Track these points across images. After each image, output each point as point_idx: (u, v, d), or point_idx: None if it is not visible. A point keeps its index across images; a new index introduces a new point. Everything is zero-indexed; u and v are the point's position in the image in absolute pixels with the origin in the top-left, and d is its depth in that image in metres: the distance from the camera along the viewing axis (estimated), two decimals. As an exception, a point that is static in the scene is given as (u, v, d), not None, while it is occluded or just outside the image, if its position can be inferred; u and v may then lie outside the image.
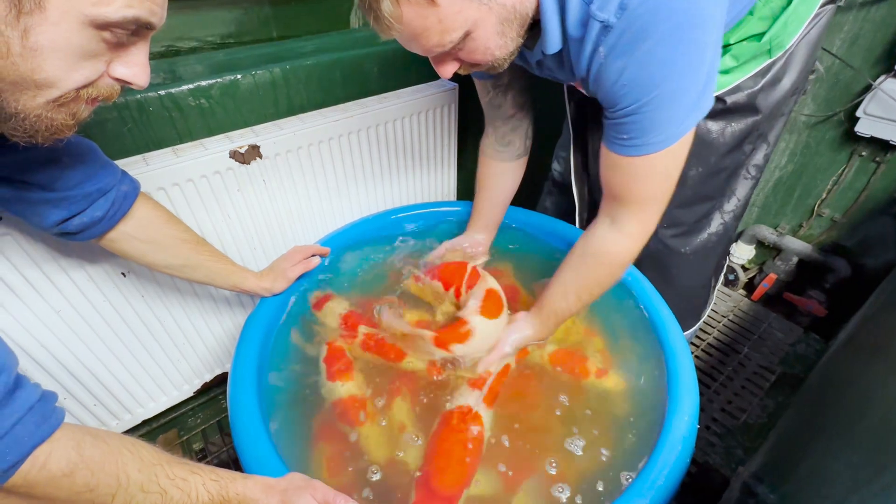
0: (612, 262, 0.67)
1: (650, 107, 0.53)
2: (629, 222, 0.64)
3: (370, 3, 0.49)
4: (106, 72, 0.39)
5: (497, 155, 0.89)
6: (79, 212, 0.59)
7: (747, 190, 0.91)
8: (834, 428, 0.60)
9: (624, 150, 0.58)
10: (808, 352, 1.36)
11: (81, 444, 0.40)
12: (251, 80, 0.89)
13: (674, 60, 0.50)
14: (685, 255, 0.94)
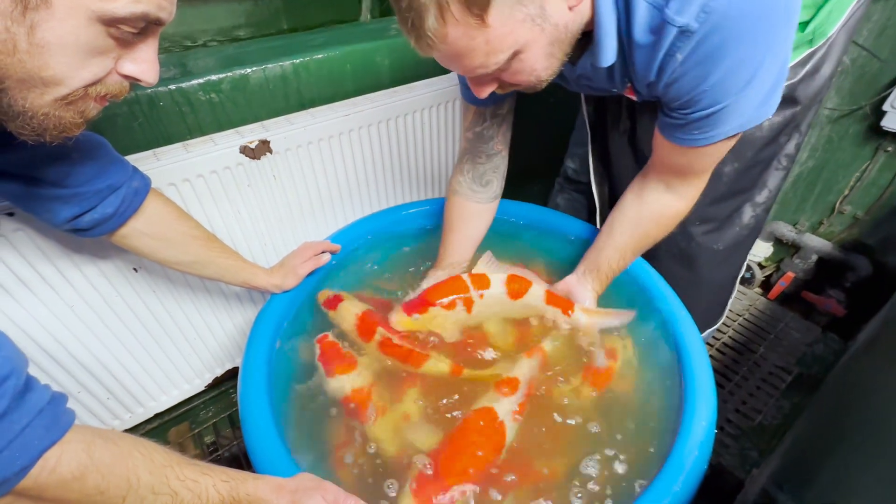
0: (668, 223, 0.73)
1: (733, 106, 0.53)
2: (688, 189, 0.68)
3: (412, 19, 0.45)
4: (114, 69, 0.38)
5: (472, 196, 0.84)
6: (90, 208, 0.59)
7: (778, 181, 0.88)
8: (859, 436, 0.58)
9: (694, 142, 0.59)
10: (826, 352, 1.33)
11: (92, 447, 0.40)
12: (261, 74, 0.88)
13: (762, 62, 0.49)
14: (717, 251, 0.92)
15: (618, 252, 0.76)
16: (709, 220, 0.88)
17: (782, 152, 0.83)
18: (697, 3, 0.45)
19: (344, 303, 0.83)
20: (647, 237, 0.75)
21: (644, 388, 0.71)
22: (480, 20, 0.44)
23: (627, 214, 0.74)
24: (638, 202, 0.73)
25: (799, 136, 0.83)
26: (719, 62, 0.49)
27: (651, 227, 0.73)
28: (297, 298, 0.86)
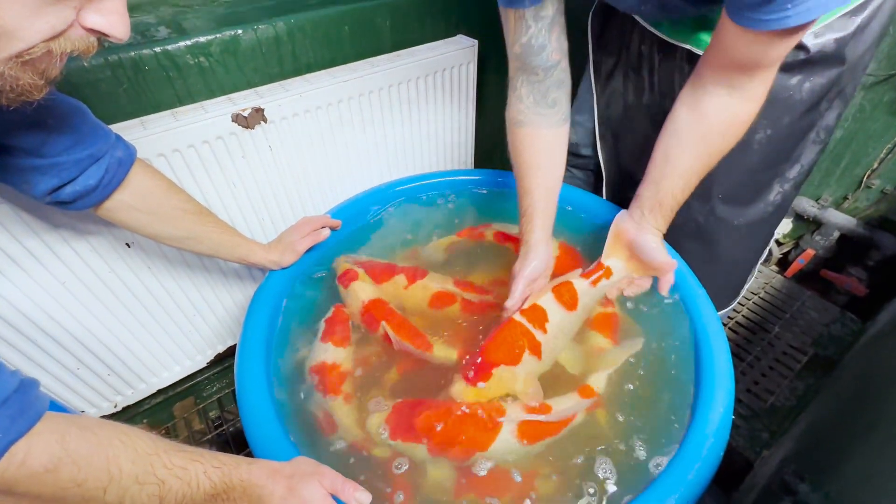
0: (737, 131, 0.62)
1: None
2: (757, 86, 0.58)
3: None
4: (76, 21, 0.33)
5: (542, 121, 0.70)
6: (70, 179, 0.55)
7: (814, 155, 0.78)
8: (885, 427, 0.54)
9: (778, 22, 0.48)
10: (843, 333, 1.28)
11: (66, 437, 0.37)
12: (253, 35, 0.82)
13: None
14: (737, 227, 0.83)
15: (682, 179, 0.65)
16: (733, 194, 0.81)
17: (822, 122, 0.74)
18: None
19: (355, 283, 0.78)
20: (716, 153, 0.63)
21: (659, 374, 0.68)
22: None
23: (684, 132, 0.63)
24: (696, 115, 0.61)
25: (841, 105, 0.73)
26: None
27: (718, 140, 0.62)
28: (295, 275, 0.83)
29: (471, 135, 1.18)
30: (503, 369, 0.63)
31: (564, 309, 0.69)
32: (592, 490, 0.56)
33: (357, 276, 0.79)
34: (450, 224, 0.95)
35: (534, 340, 0.65)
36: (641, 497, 0.52)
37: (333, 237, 0.87)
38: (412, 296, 0.79)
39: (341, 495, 0.52)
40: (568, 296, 0.70)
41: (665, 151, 0.66)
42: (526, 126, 0.71)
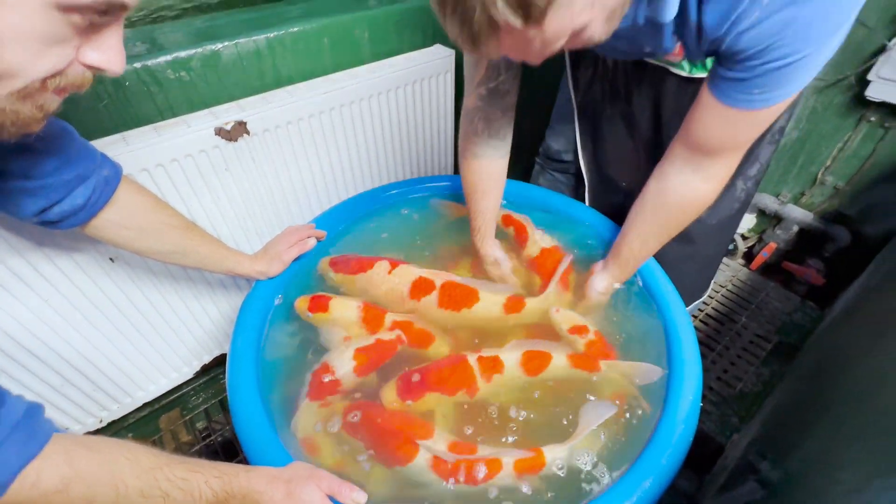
0: (697, 209, 0.68)
1: (809, 58, 0.48)
2: (718, 169, 0.63)
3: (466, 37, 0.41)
4: (76, 58, 0.34)
5: (493, 153, 0.79)
6: (58, 200, 0.56)
7: (770, 153, 0.87)
8: (842, 407, 0.60)
9: (751, 104, 0.53)
10: (804, 320, 1.37)
11: (73, 457, 0.39)
12: (234, 49, 0.83)
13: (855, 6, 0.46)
14: (711, 225, 0.91)
15: (639, 239, 0.74)
16: None
17: (775, 125, 0.81)
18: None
19: (334, 301, 0.78)
20: (672, 224, 0.71)
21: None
22: (538, 27, 0.40)
23: (648, 200, 0.71)
24: (660, 187, 0.68)
25: (790, 109, 0.82)
26: (807, 5, 0.44)
27: (675, 212, 0.69)
28: (282, 284, 0.84)
29: (450, 141, 1.21)
30: (436, 396, 0.67)
31: (524, 372, 0.70)
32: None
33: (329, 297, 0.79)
34: (429, 228, 0.98)
35: (473, 386, 0.68)
36: (618, 483, 0.56)
37: (319, 244, 0.89)
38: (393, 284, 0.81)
39: (338, 496, 0.55)
40: (536, 363, 0.70)
41: (633, 211, 0.74)
42: (480, 158, 0.80)
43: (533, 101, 1.25)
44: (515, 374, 0.69)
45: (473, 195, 0.83)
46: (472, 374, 0.68)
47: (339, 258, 0.86)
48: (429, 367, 0.70)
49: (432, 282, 0.80)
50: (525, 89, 0.81)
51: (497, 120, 0.76)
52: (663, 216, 0.70)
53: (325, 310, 0.77)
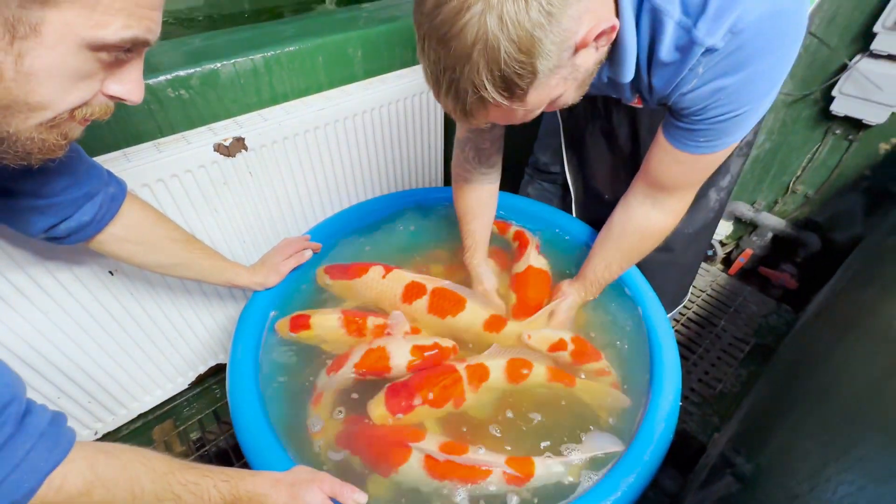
0: (655, 238, 0.75)
1: (742, 117, 0.56)
2: (674, 203, 0.70)
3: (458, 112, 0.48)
4: (100, 90, 0.37)
5: (484, 179, 0.85)
6: (66, 217, 0.58)
7: (739, 166, 0.94)
8: (805, 403, 0.64)
9: (699, 149, 0.61)
10: (779, 323, 1.43)
11: (95, 463, 0.41)
12: (232, 68, 0.86)
13: (779, 76, 0.53)
14: (688, 234, 0.97)
15: (603, 262, 0.79)
16: None
17: (743, 140, 0.88)
18: (725, 25, 0.47)
19: (315, 318, 0.80)
20: (633, 251, 0.77)
21: (616, 368, 0.77)
22: (521, 101, 0.47)
23: (615, 228, 0.77)
24: (625, 218, 0.75)
25: (757, 125, 0.88)
26: (737, 74, 0.51)
27: (636, 240, 0.76)
28: (279, 295, 0.87)
29: (439, 154, 1.25)
30: (426, 409, 0.69)
31: (506, 378, 0.72)
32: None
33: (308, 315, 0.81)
34: (419, 236, 1.02)
35: (461, 396, 0.70)
36: (605, 478, 0.60)
37: (314, 255, 0.92)
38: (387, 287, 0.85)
39: (340, 498, 0.58)
40: (519, 369, 0.72)
41: (599, 237, 0.81)
42: (472, 183, 0.86)
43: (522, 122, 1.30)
44: (500, 381, 0.72)
45: (465, 217, 0.89)
46: (461, 384, 0.70)
47: (335, 266, 0.89)
48: (419, 379, 0.71)
49: (424, 286, 0.83)
50: None
51: (486, 149, 0.82)
52: (626, 244, 0.77)
53: (308, 327, 0.79)
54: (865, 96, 1.17)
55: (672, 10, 0.49)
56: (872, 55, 1.14)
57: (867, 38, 1.14)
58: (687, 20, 0.49)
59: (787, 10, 0.47)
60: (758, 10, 0.46)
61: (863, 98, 1.18)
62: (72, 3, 0.31)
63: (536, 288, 0.86)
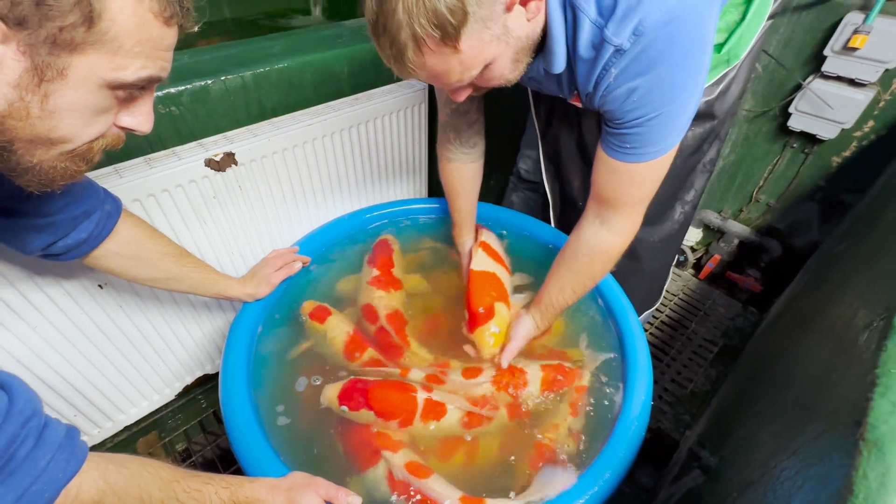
0: (605, 259, 0.75)
1: (656, 121, 0.60)
2: (620, 222, 0.71)
3: (393, 54, 0.51)
4: (113, 122, 0.40)
5: (466, 158, 0.92)
6: (64, 235, 0.60)
7: (703, 181, 1.01)
8: (763, 398, 0.70)
9: (626, 157, 0.64)
10: (745, 325, 1.52)
11: (106, 473, 0.43)
12: (222, 85, 0.88)
13: (683, 81, 0.57)
14: (654, 243, 1.04)
15: (556, 286, 0.80)
16: (647, 218, 0.99)
17: (706, 158, 0.95)
18: (630, 26, 0.52)
19: (332, 318, 0.86)
20: (584, 273, 0.77)
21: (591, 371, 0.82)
22: (454, 48, 0.50)
23: (567, 251, 0.78)
24: (577, 239, 0.76)
25: (719, 143, 0.95)
26: (644, 77, 0.56)
27: (586, 262, 0.76)
28: (269, 305, 0.89)
29: (424, 166, 1.28)
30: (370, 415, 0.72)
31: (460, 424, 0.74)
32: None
33: (330, 312, 0.88)
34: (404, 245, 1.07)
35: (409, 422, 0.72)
36: (586, 473, 0.65)
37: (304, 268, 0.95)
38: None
39: (335, 501, 0.60)
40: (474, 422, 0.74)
41: (555, 261, 0.81)
42: (454, 161, 0.93)
43: (506, 128, 1.35)
44: (452, 425, 0.73)
45: (451, 195, 0.96)
46: (413, 410, 0.72)
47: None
48: (376, 386, 0.74)
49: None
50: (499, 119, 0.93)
51: (465, 132, 0.89)
52: (576, 265, 0.77)
53: (322, 321, 0.86)
54: (818, 114, 1.26)
55: (588, 10, 0.54)
56: (824, 76, 1.23)
57: (819, 60, 1.23)
58: (600, 20, 0.54)
59: (682, 18, 0.52)
60: (655, 15, 0.51)
61: (816, 115, 1.27)
62: (96, 49, 0.34)
63: (478, 294, 0.87)
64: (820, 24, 1.22)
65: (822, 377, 0.52)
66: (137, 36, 0.36)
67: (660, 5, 0.51)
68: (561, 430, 0.73)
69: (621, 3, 0.52)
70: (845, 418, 0.37)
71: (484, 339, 0.83)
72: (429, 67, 0.52)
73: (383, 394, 0.73)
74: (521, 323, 0.84)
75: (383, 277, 0.94)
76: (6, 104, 0.33)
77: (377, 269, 0.95)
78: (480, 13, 0.49)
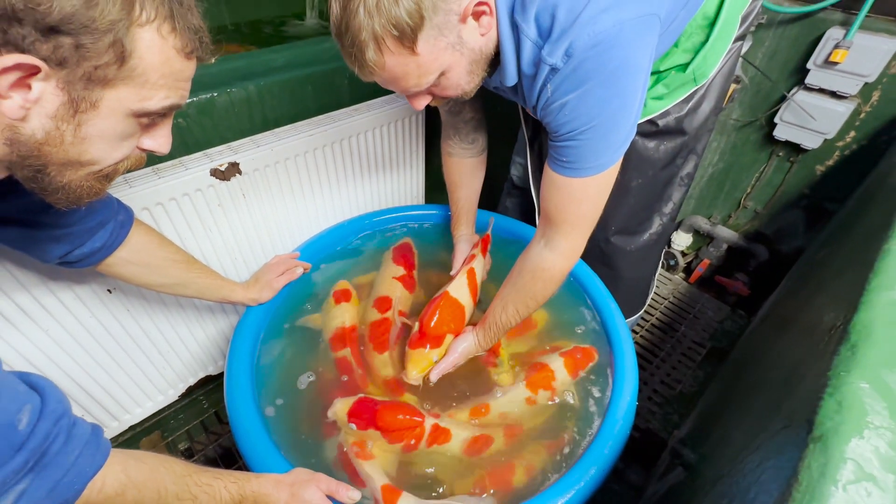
0: (546, 279, 0.75)
1: (586, 136, 0.63)
2: (561, 242, 0.72)
3: (355, 53, 0.55)
4: (136, 145, 0.44)
5: (465, 153, 0.97)
6: (80, 245, 0.63)
7: (681, 195, 1.05)
8: (739, 399, 0.74)
9: (563, 170, 0.67)
10: (733, 328, 1.56)
11: (127, 467, 0.47)
12: (227, 97, 0.92)
13: (609, 100, 0.60)
14: (631, 252, 1.07)
15: (500, 304, 0.80)
16: (624, 227, 1.04)
17: (681, 172, 0.99)
18: (562, 48, 0.57)
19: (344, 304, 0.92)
20: (526, 291, 0.77)
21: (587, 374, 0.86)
22: (411, 50, 0.55)
23: (514, 269, 0.79)
24: (523, 258, 0.78)
25: (695, 158, 0.99)
26: (576, 94, 0.60)
27: (528, 280, 0.76)
28: (271, 309, 0.93)
29: (421, 174, 1.32)
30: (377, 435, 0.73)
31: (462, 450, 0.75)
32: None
33: (351, 294, 0.95)
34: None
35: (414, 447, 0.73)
36: (573, 469, 0.68)
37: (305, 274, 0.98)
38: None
39: (336, 495, 0.64)
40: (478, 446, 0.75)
41: (505, 280, 0.82)
42: (454, 156, 0.98)
43: (502, 136, 1.39)
44: (455, 451, 0.74)
45: (451, 187, 1.00)
46: (420, 437, 0.73)
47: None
48: (385, 408, 0.74)
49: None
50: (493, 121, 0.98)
51: (463, 129, 0.94)
52: (520, 284, 0.78)
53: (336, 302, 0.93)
54: (802, 124, 1.31)
55: (529, 31, 0.59)
56: (807, 88, 1.28)
57: (802, 73, 1.28)
58: (539, 41, 0.59)
59: (609, 42, 0.56)
60: (584, 39, 0.56)
61: (800, 126, 1.32)
62: (125, 83, 0.38)
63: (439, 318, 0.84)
64: (803, 38, 1.26)
65: (790, 378, 0.56)
66: (162, 70, 0.39)
67: (588, 30, 0.55)
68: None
69: (556, 27, 0.57)
70: (800, 416, 0.40)
71: (418, 361, 0.81)
72: (388, 68, 0.56)
73: (392, 417, 0.73)
74: (463, 339, 0.84)
75: (409, 279, 0.98)
76: (44, 133, 0.37)
77: (404, 269, 1.00)
78: (436, 20, 0.54)
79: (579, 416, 0.79)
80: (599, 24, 0.55)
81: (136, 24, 0.36)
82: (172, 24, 0.39)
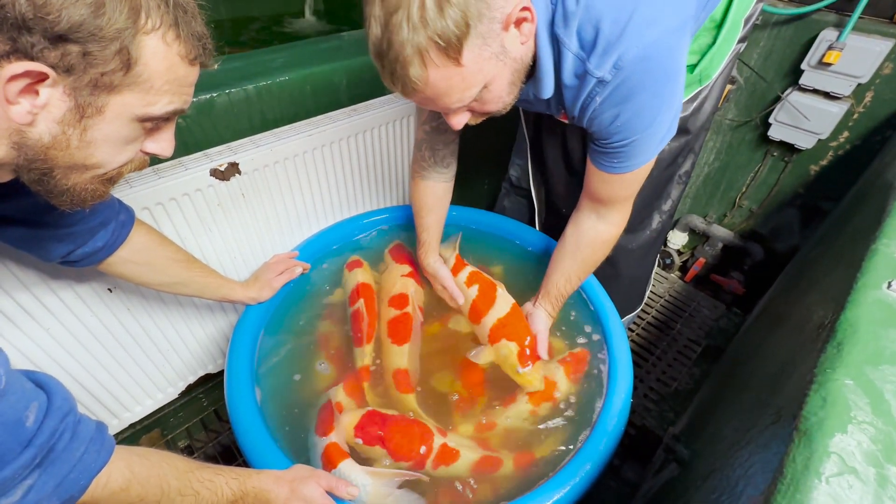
0: (604, 248, 0.85)
1: (640, 140, 0.66)
2: (615, 215, 0.81)
3: (397, 70, 0.52)
4: (139, 148, 0.45)
5: (439, 177, 0.94)
6: (82, 244, 0.64)
7: (679, 192, 1.07)
8: (732, 396, 0.76)
9: (616, 169, 0.72)
10: (728, 325, 1.58)
11: (131, 463, 0.48)
12: (226, 98, 0.92)
13: (660, 107, 0.63)
14: (632, 250, 1.09)
15: (563, 276, 0.87)
16: (627, 226, 1.04)
17: (681, 170, 1.01)
18: (611, 60, 0.58)
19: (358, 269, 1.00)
20: (588, 261, 0.86)
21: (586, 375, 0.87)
22: (456, 61, 0.52)
23: (568, 243, 0.85)
24: (576, 232, 0.84)
25: (693, 156, 1.01)
26: (625, 105, 0.62)
27: (588, 252, 0.85)
28: (271, 307, 0.94)
29: (419, 172, 1.33)
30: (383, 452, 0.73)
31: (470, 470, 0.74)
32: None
33: (361, 263, 1.02)
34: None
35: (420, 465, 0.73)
36: (568, 465, 0.70)
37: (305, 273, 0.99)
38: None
39: (336, 491, 0.65)
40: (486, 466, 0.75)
41: (557, 252, 0.89)
42: (427, 179, 0.94)
43: (499, 137, 1.40)
44: (462, 472, 0.74)
45: (420, 212, 0.96)
46: (427, 456, 0.73)
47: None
48: (395, 425, 0.74)
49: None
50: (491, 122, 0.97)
51: (440, 150, 0.91)
52: (580, 256, 0.85)
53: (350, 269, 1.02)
54: (796, 125, 1.32)
55: (570, 44, 0.59)
56: (801, 89, 1.29)
57: (797, 73, 1.29)
58: (582, 53, 0.60)
59: (657, 53, 0.58)
60: (633, 52, 0.57)
61: (794, 126, 1.33)
62: (131, 89, 0.38)
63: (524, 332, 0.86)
64: (798, 39, 1.28)
65: (780, 375, 0.57)
66: (166, 76, 0.40)
67: (637, 42, 0.56)
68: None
69: (601, 39, 0.57)
70: (788, 412, 0.42)
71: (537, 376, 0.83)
72: (432, 83, 0.53)
73: (399, 436, 0.73)
74: (538, 317, 0.89)
75: (417, 274, 1.01)
76: (50, 137, 0.38)
77: (409, 266, 1.01)
78: (480, 28, 0.52)
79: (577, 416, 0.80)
80: (647, 37, 0.56)
81: (141, 32, 0.37)
82: (177, 32, 0.40)
